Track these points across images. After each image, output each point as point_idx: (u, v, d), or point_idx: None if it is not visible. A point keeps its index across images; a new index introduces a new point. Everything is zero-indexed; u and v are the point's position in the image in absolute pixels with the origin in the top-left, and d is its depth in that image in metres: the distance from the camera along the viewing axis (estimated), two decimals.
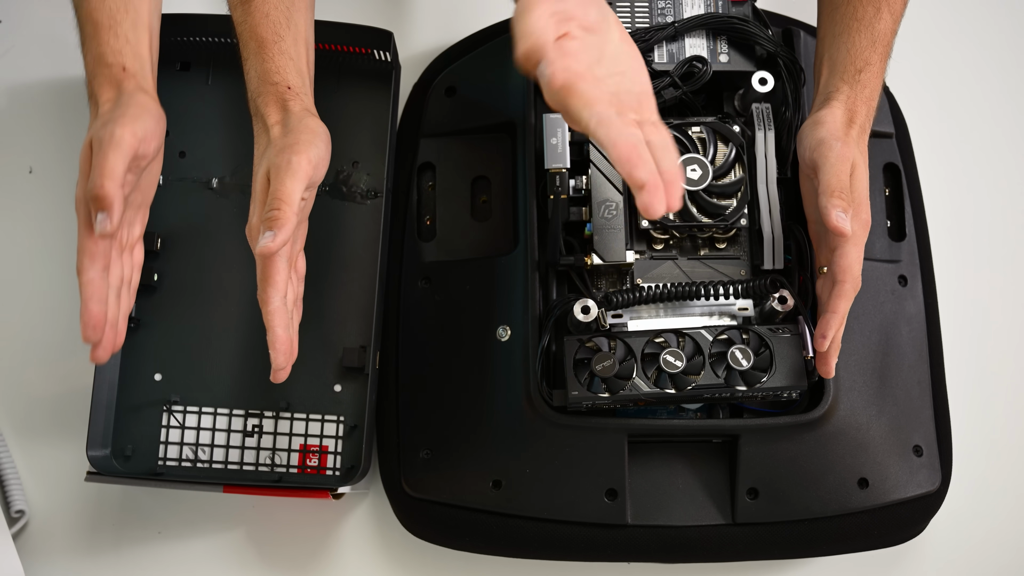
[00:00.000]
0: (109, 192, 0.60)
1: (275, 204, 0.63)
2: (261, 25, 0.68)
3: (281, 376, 0.65)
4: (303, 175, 0.64)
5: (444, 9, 0.91)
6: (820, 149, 0.66)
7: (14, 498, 0.77)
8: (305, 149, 0.64)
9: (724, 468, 0.72)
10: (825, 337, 0.65)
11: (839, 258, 0.65)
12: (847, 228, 0.64)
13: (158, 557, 0.77)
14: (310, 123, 0.66)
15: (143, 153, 0.63)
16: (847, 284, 0.65)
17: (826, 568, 0.76)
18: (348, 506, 0.78)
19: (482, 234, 0.79)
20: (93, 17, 0.65)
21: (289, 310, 0.66)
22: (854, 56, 0.69)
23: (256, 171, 0.66)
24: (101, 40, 0.65)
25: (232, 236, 0.80)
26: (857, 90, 0.69)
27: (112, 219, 0.60)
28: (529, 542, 0.71)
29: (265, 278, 0.64)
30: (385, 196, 0.78)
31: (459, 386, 0.74)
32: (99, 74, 0.65)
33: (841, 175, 0.65)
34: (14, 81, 0.88)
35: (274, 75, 0.67)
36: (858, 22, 0.70)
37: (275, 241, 0.62)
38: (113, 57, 0.65)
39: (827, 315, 0.65)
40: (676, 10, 0.76)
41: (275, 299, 0.64)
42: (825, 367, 0.67)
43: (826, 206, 0.64)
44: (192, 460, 0.77)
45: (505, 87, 0.80)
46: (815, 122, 0.68)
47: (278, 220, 0.62)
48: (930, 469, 0.74)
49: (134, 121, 0.62)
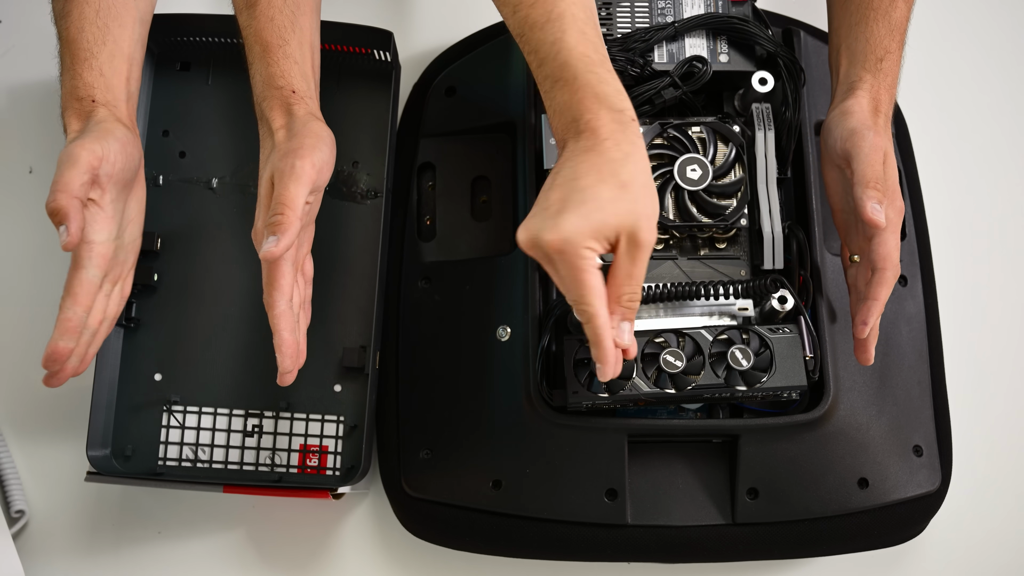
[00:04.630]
0: (62, 204, 0.61)
1: (279, 209, 0.63)
2: (266, 29, 0.68)
3: (288, 379, 0.66)
4: (307, 179, 0.64)
5: (444, 9, 0.91)
6: (853, 139, 0.66)
7: (14, 498, 0.77)
8: (309, 153, 0.64)
9: (724, 468, 0.72)
10: (867, 324, 0.66)
11: (878, 246, 0.65)
12: (882, 220, 0.64)
13: (158, 557, 0.77)
14: (314, 127, 0.66)
15: (104, 173, 0.64)
16: (888, 271, 0.65)
17: (826, 568, 0.76)
18: (348, 506, 0.78)
19: (482, 234, 0.79)
20: (71, 48, 0.66)
21: (295, 313, 0.66)
22: (874, 45, 0.69)
23: (261, 175, 0.66)
24: (75, 72, 0.66)
25: (232, 236, 0.80)
26: (879, 78, 0.69)
27: (71, 228, 0.61)
28: (529, 542, 0.71)
29: (270, 282, 0.64)
30: (385, 196, 0.78)
31: (459, 386, 0.74)
32: (70, 107, 0.66)
33: (876, 165, 0.65)
34: (14, 81, 0.88)
35: (278, 79, 0.67)
36: (874, 11, 0.70)
37: (279, 246, 0.62)
38: (85, 91, 0.66)
39: (868, 302, 0.66)
40: (676, 10, 0.76)
41: (280, 303, 0.64)
42: (865, 354, 0.68)
43: (861, 197, 0.65)
44: (192, 460, 0.77)
45: (505, 87, 0.80)
46: (843, 112, 0.68)
47: (282, 225, 0.62)
48: (930, 469, 0.74)
49: (94, 141, 0.63)
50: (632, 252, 0.57)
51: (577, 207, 0.56)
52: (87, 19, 0.66)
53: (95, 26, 0.66)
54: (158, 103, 0.83)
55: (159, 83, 0.83)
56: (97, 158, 0.63)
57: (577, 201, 0.56)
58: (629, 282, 0.58)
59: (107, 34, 0.67)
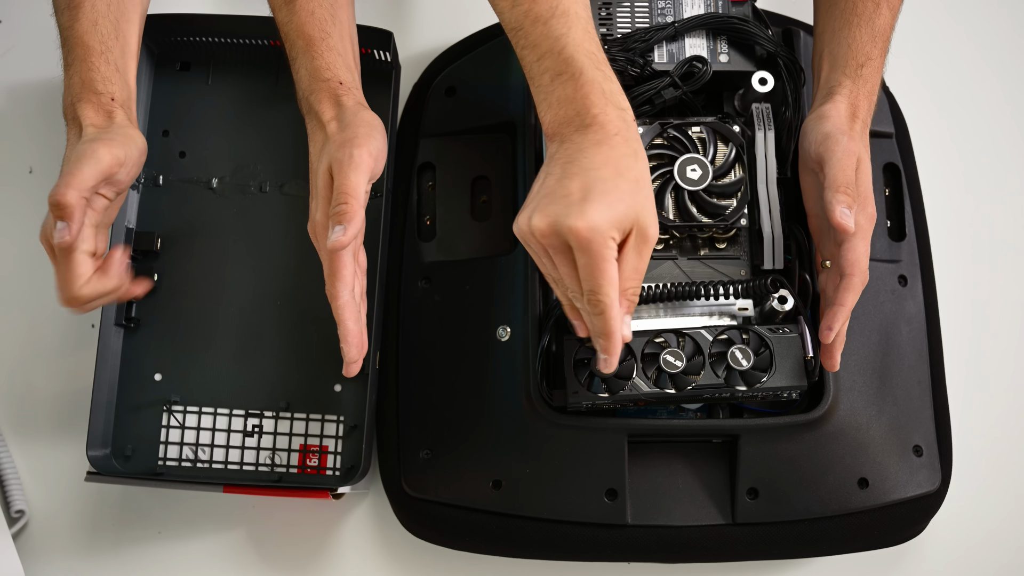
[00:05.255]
0: (70, 201, 0.61)
1: (342, 199, 0.63)
2: (307, 23, 0.68)
3: (354, 369, 0.66)
4: (366, 168, 0.64)
5: (444, 9, 0.91)
6: (826, 143, 0.66)
7: (14, 498, 0.77)
8: (365, 142, 0.65)
9: (724, 468, 0.72)
10: (831, 329, 0.66)
11: (846, 252, 0.65)
12: (850, 225, 0.64)
13: (158, 557, 0.77)
14: (366, 116, 0.67)
15: (118, 178, 0.65)
16: (855, 278, 0.65)
17: (826, 568, 0.76)
18: (348, 506, 0.78)
19: (482, 234, 0.79)
20: (83, 40, 0.66)
21: (357, 303, 0.66)
22: (855, 51, 0.69)
23: (316, 168, 0.66)
24: (91, 65, 0.66)
25: (232, 236, 0.80)
26: (859, 84, 0.69)
27: (71, 228, 0.61)
28: (529, 542, 0.71)
29: (333, 273, 0.64)
30: (385, 196, 0.78)
31: (459, 386, 0.74)
32: (86, 99, 0.66)
33: (847, 170, 0.65)
34: (14, 81, 0.88)
35: (324, 72, 0.68)
36: (858, 17, 0.70)
37: (346, 235, 0.62)
38: (103, 85, 0.66)
39: (834, 308, 0.66)
40: (676, 10, 0.76)
41: (344, 293, 0.64)
42: (830, 360, 0.67)
43: (831, 202, 0.64)
44: (192, 460, 0.77)
45: (505, 87, 0.80)
46: (819, 116, 0.68)
47: (347, 214, 0.63)
48: (930, 469, 0.74)
49: (120, 146, 0.64)
50: (639, 246, 0.58)
51: (602, 196, 0.56)
52: (100, 12, 0.66)
53: (107, 19, 0.67)
54: (158, 103, 0.83)
55: (159, 83, 0.83)
56: (119, 164, 0.64)
57: (601, 191, 0.56)
58: (635, 276, 0.58)
59: (119, 29, 0.67)
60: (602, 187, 0.56)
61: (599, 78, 0.60)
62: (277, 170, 0.81)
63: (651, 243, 0.58)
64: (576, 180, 0.57)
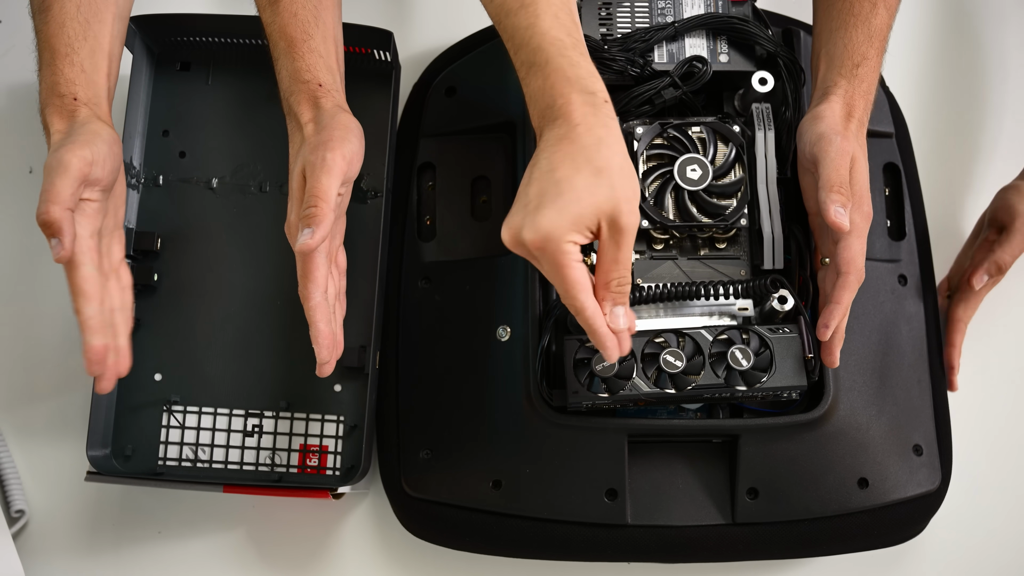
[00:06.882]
0: (55, 217, 0.60)
1: (312, 201, 0.63)
2: (290, 24, 0.68)
3: (326, 370, 0.67)
4: (338, 171, 0.64)
5: (444, 9, 0.91)
6: (820, 143, 0.67)
7: (14, 498, 0.77)
8: (339, 145, 0.65)
9: (724, 468, 0.72)
10: (828, 327, 0.66)
11: (842, 250, 0.65)
12: (845, 224, 0.64)
13: (158, 557, 0.77)
14: (343, 119, 0.67)
15: (94, 177, 0.64)
16: (851, 276, 0.65)
17: (826, 568, 0.76)
18: (348, 506, 0.78)
19: (482, 234, 0.79)
20: (51, 43, 0.66)
21: (331, 305, 0.66)
22: (851, 51, 0.70)
23: (292, 169, 0.67)
24: (56, 68, 0.65)
25: (232, 236, 0.80)
26: (855, 84, 0.69)
27: (64, 242, 0.61)
28: (529, 542, 0.71)
29: (305, 274, 0.65)
30: (385, 196, 0.78)
31: (459, 386, 0.74)
32: (51, 104, 0.65)
33: (841, 169, 0.65)
34: (14, 81, 0.88)
35: (305, 73, 0.68)
36: (855, 17, 0.70)
37: (314, 238, 0.63)
38: (66, 87, 0.65)
39: (831, 306, 0.66)
40: (676, 10, 0.76)
41: (316, 295, 0.65)
42: (829, 356, 0.68)
43: (825, 201, 0.65)
44: (192, 460, 0.77)
45: (505, 87, 0.80)
46: (814, 116, 0.68)
47: (316, 217, 0.63)
48: (930, 469, 0.74)
49: (83, 147, 0.63)
50: (615, 237, 0.57)
51: (553, 201, 0.55)
52: (68, 14, 0.66)
53: (76, 21, 0.66)
54: (158, 103, 0.83)
55: (159, 83, 0.83)
56: (88, 164, 0.63)
57: (553, 195, 0.56)
58: (616, 267, 0.58)
59: (88, 30, 0.67)
60: (555, 190, 0.56)
61: (564, 64, 0.58)
62: (277, 170, 0.81)
63: (628, 231, 0.57)
64: (534, 186, 0.57)
